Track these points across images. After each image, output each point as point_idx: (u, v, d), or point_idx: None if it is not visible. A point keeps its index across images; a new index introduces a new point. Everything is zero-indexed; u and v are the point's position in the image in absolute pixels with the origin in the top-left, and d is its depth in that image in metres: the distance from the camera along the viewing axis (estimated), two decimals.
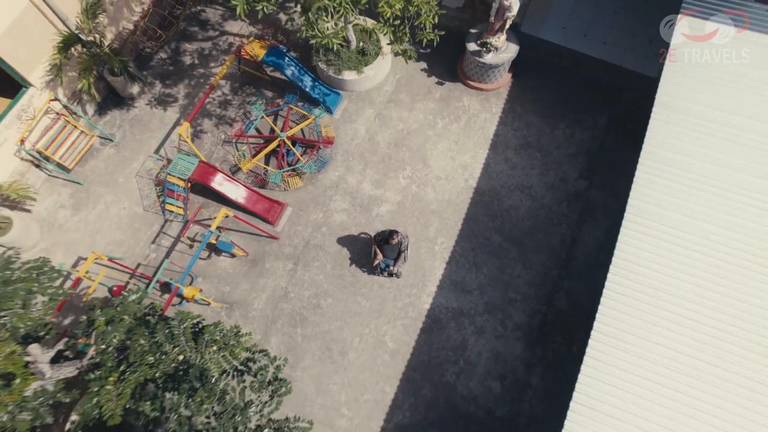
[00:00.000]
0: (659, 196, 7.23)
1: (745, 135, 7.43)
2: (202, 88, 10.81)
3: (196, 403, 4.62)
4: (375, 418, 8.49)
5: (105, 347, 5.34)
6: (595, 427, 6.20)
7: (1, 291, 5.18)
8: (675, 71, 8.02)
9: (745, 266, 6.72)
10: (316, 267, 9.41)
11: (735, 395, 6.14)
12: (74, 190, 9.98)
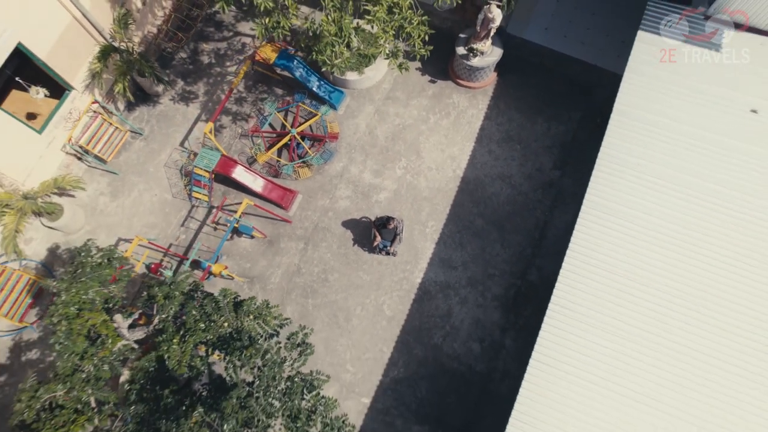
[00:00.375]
0: (612, 192, 8.72)
1: (690, 141, 8.85)
2: (219, 85, 12.15)
3: (246, 357, 6.27)
4: (374, 373, 10.25)
5: (165, 316, 6.96)
6: (549, 379, 7.89)
7: (90, 274, 6.76)
8: (633, 82, 9.38)
9: (685, 253, 8.24)
10: (324, 246, 11.00)
11: (668, 356, 7.81)
12: (111, 179, 11.48)
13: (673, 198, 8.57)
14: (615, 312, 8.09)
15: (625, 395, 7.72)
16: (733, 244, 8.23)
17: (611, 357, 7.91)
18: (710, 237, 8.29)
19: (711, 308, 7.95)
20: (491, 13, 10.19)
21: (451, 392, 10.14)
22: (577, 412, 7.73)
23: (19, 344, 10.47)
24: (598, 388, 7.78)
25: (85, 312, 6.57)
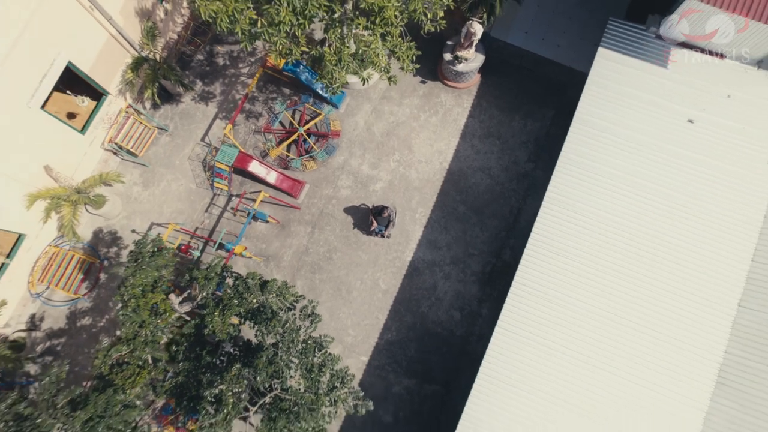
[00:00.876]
0: (569, 190, 10.57)
1: (637, 147, 10.62)
2: (234, 85, 13.79)
3: (271, 326, 8.28)
4: (371, 336, 12.38)
5: (206, 294, 8.96)
6: (512, 342, 9.96)
7: (148, 263, 8.71)
8: (592, 94, 11.06)
9: (631, 242, 10.14)
10: (329, 230, 12.94)
11: (616, 326, 9.86)
12: (142, 171, 13.30)
13: (619, 194, 10.43)
14: (566, 288, 10.10)
15: (574, 357, 9.81)
16: (664, 231, 10.14)
17: (563, 325, 9.96)
18: (645, 226, 10.20)
19: (641, 282, 9.95)
20: (473, 28, 11.76)
21: (435, 352, 12.29)
22: (535, 369, 9.84)
23: (74, 312, 12.58)
24: (553, 351, 9.87)
25: (148, 293, 8.56)
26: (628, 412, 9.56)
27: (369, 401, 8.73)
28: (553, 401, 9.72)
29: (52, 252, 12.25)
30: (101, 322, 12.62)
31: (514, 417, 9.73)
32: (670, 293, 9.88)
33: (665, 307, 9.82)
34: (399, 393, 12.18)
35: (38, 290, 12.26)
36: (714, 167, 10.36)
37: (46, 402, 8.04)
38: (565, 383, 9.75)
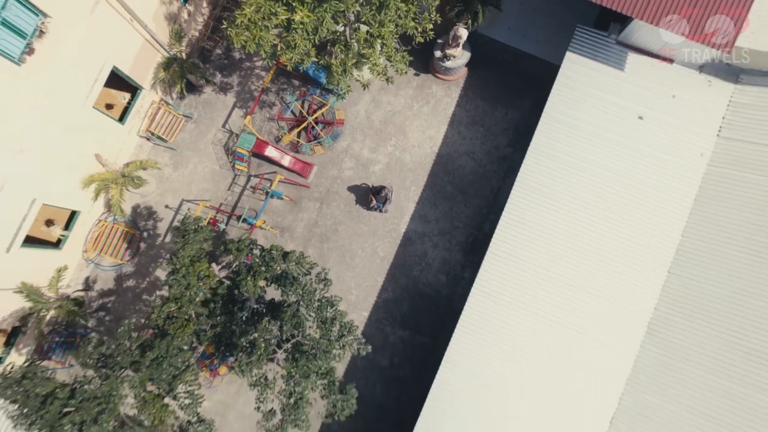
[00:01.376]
0: (536, 175, 12.74)
1: (597, 140, 12.69)
2: (249, 77, 15.71)
3: (293, 288, 10.65)
4: (371, 296, 14.83)
5: (238, 263, 11.30)
6: (487, 302, 12.37)
7: (192, 237, 10.96)
8: (560, 93, 13.05)
9: (586, 218, 12.38)
10: (334, 205, 15.18)
11: (569, 287, 12.24)
12: (172, 155, 15.41)
13: (579, 179, 12.61)
14: (529, 255, 12.44)
15: (535, 313, 12.25)
16: (614, 209, 12.39)
17: (526, 287, 12.36)
18: (599, 205, 12.43)
19: (592, 250, 12.28)
20: (459, 32, 13.63)
21: (425, 309, 14.79)
22: (502, 322, 12.30)
23: (120, 275, 15.00)
24: (517, 308, 12.30)
25: (195, 262, 10.89)
26: (578, 354, 12.08)
27: (368, 346, 11.22)
28: (516, 347, 12.23)
29: (101, 225, 14.55)
30: (143, 284, 15.06)
31: (485, 359, 12.27)
32: (614, 261, 12.23)
33: (609, 273, 12.20)
34: (394, 342, 14.75)
35: (91, 257, 14.64)
36: (657, 157, 12.50)
37: (122, 345, 10.51)
38: (527, 333, 12.24)
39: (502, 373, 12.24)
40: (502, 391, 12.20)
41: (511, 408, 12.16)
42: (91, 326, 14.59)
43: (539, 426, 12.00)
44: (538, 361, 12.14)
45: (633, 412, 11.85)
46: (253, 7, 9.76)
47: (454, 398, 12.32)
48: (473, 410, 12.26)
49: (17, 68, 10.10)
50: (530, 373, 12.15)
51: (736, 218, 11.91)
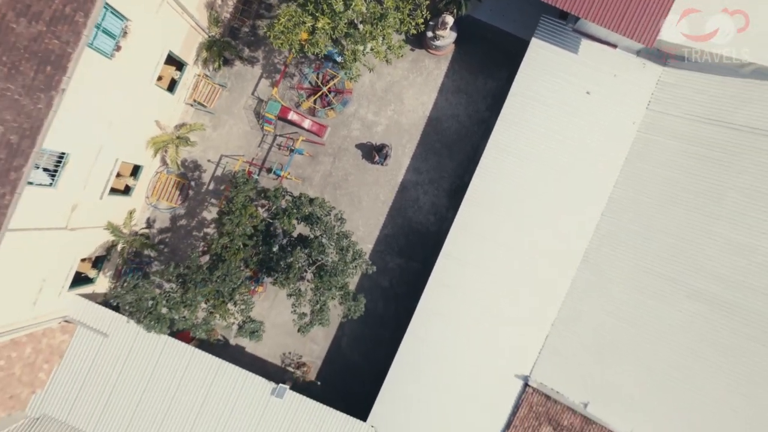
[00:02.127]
0: (506, 139, 16.40)
1: (552, 112, 16.24)
2: (273, 52, 18.95)
3: (318, 225, 14.62)
4: (375, 231, 18.88)
5: (275, 207, 15.21)
6: (465, 238, 16.41)
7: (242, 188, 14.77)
8: (524, 72, 16.43)
9: (540, 171, 16.19)
10: (345, 159, 18.91)
11: (524, 222, 16.24)
12: (211, 118, 18.96)
13: (538, 143, 16.29)
14: (497, 201, 16.35)
15: (499, 244, 16.30)
16: (561, 166, 16.16)
17: (494, 226, 16.35)
18: (552, 161, 16.20)
19: (544, 194, 16.18)
20: (446, 19, 16.85)
21: (417, 242, 18.87)
22: (475, 252, 16.39)
23: (174, 216, 18.98)
24: (485, 240, 16.35)
25: (247, 206, 14.80)
26: (531, 273, 16.26)
27: (373, 266, 15.35)
28: (485, 269, 16.39)
29: (158, 176, 18.37)
30: (192, 222, 19.06)
31: (461, 279, 16.47)
32: (561, 204, 16.15)
33: (558, 213, 16.16)
34: (392, 267, 18.96)
35: (152, 202, 18.56)
36: (598, 125, 16.13)
37: (194, 266, 14.62)
38: (494, 259, 16.36)
39: (473, 288, 16.47)
40: (472, 302, 16.49)
41: (479, 313, 16.49)
42: (153, 256, 18.72)
43: (500, 325, 16.37)
44: (500, 278, 16.35)
45: (568, 318, 16.18)
46: (286, 17, 13.10)
47: (440, 306, 16.62)
48: (451, 316, 16.60)
49: (109, 62, 13.54)
50: (494, 285, 16.38)
51: (654, 173, 15.73)
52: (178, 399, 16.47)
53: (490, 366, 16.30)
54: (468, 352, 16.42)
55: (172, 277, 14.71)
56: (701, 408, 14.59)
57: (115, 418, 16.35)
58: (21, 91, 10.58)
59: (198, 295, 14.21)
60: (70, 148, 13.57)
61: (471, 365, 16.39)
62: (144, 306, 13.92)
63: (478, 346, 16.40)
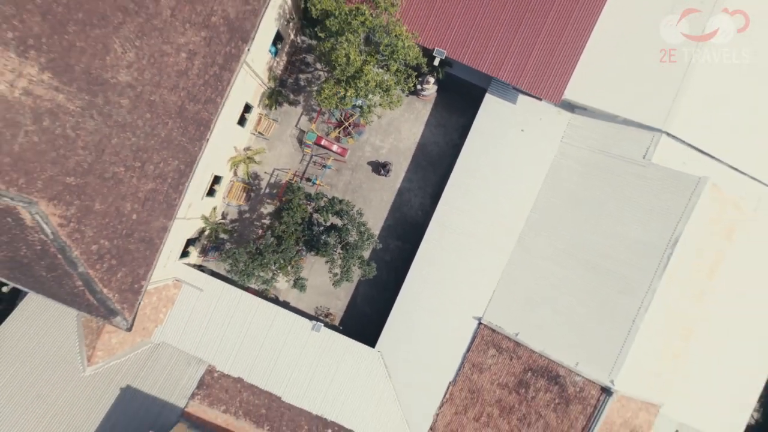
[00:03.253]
0: (467, 163, 24.97)
1: (502, 144, 24.81)
2: (310, 94, 27.48)
3: (345, 217, 23.11)
4: (380, 222, 27.49)
5: (317, 204, 23.75)
6: (442, 230, 25.03)
7: (297, 192, 23.17)
8: (481, 117, 24.97)
9: (494, 185, 24.75)
10: (360, 172, 27.50)
11: (483, 218, 24.87)
12: (267, 143, 27.55)
13: (488, 165, 24.83)
14: (463, 202, 24.93)
15: (464, 231, 24.91)
16: (505, 182, 24.72)
17: (461, 218, 24.94)
18: (497, 179, 24.76)
19: (495, 201, 24.77)
20: (429, 80, 25.38)
21: (409, 230, 27.47)
22: (448, 234, 25.01)
23: (242, 211, 27.61)
24: (454, 228, 24.97)
25: (301, 204, 23.33)
26: (479, 250, 24.84)
27: (380, 244, 23.95)
28: (453, 249, 24.98)
29: (231, 183, 26.96)
30: (254, 216, 27.67)
31: (439, 249, 25.08)
32: (503, 205, 24.72)
33: (502, 211, 24.74)
34: (392, 248, 27.57)
35: (227, 201, 27.17)
36: (528, 153, 24.65)
37: (267, 244, 23.19)
38: (458, 240, 24.94)
39: (446, 260, 25.07)
40: (445, 270, 25.07)
41: (450, 277, 25.06)
42: (226, 238, 27.29)
43: (463, 284, 24.96)
44: (463, 253, 24.95)
45: (507, 280, 24.74)
46: (328, 89, 21.59)
47: (423, 272, 25.20)
48: (431, 278, 25.20)
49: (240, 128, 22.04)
50: (459, 258, 24.97)
51: (563, 186, 24.28)
52: (250, 334, 25.09)
53: (457, 311, 24.90)
54: (443, 302, 25.02)
55: (249, 251, 23.31)
56: (582, 328, 23.15)
57: (208, 343, 24.97)
58: (186, 140, 19.10)
59: (270, 261, 22.81)
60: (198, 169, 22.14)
61: (445, 311, 24.99)
62: (238, 267, 22.54)
63: (449, 298, 25.01)
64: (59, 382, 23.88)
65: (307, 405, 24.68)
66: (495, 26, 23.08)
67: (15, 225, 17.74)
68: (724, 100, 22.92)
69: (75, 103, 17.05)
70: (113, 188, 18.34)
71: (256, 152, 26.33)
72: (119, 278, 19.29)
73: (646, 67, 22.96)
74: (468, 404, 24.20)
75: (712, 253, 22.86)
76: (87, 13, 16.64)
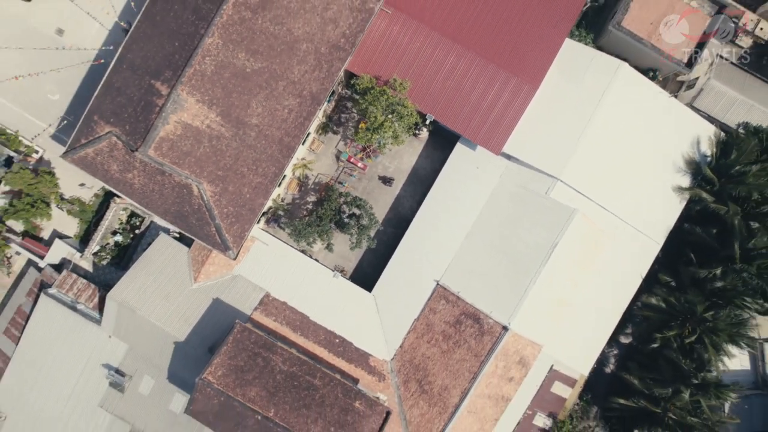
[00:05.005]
0: (441, 187, 40.69)
1: (463, 178, 40.47)
2: (348, 126, 43.23)
3: (362, 208, 38.73)
4: (382, 215, 43.33)
5: (345, 199, 39.40)
6: (421, 222, 40.78)
7: (334, 191, 38.63)
8: (453, 158, 40.61)
9: (451, 203, 40.40)
10: (373, 182, 43.34)
11: (439, 222, 40.66)
12: (316, 156, 43.37)
13: (451, 190, 40.49)
14: (437, 205, 40.68)
15: (434, 226, 40.66)
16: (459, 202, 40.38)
17: (435, 214, 40.68)
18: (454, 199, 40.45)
19: (448, 214, 40.47)
20: (422, 127, 41.16)
21: (402, 222, 43.25)
22: (423, 230, 40.78)
23: (293, 199, 43.51)
24: (428, 221, 40.73)
25: (335, 199, 38.98)
26: (436, 247, 40.52)
27: (381, 227, 39.61)
28: (426, 234, 40.67)
29: (291, 179, 42.71)
30: (301, 202, 43.50)
31: (417, 240, 40.82)
32: (451, 219, 40.40)
33: (453, 223, 40.44)
34: (389, 232, 43.34)
35: (288, 191, 42.94)
36: (477, 183, 40.27)
37: (314, 221, 38.80)
38: (432, 230, 40.61)
39: (420, 239, 40.77)
40: (419, 245, 40.74)
41: (418, 249, 40.74)
42: (282, 214, 43.03)
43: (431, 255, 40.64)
44: (431, 238, 40.63)
45: (456, 259, 40.31)
46: (361, 133, 37.23)
47: (407, 250, 40.85)
48: (411, 252, 40.86)
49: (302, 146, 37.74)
50: (428, 240, 40.65)
51: (498, 203, 39.90)
52: (293, 275, 40.76)
53: (424, 275, 40.49)
54: (416, 269, 40.60)
55: (303, 223, 39.00)
56: (497, 290, 38.63)
57: (267, 278, 40.65)
58: (280, 157, 34.82)
59: (314, 232, 38.54)
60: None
61: (417, 274, 40.59)
62: (296, 231, 38.23)
63: (420, 266, 40.63)
64: (177, 290, 39.80)
65: (325, 323, 40.43)
66: (463, 106, 38.67)
67: (187, 194, 33.59)
68: (601, 161, 38.45)
69: (228, 133, 32.88)
70: (240, 179, 34.15)
71: (309, 162, 42.10)
72: (234, 229, 35.11)
73: (553, 134, 38.52)
74: (424, 333, 39.87)
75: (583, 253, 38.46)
76: (243, 88, 32.49)
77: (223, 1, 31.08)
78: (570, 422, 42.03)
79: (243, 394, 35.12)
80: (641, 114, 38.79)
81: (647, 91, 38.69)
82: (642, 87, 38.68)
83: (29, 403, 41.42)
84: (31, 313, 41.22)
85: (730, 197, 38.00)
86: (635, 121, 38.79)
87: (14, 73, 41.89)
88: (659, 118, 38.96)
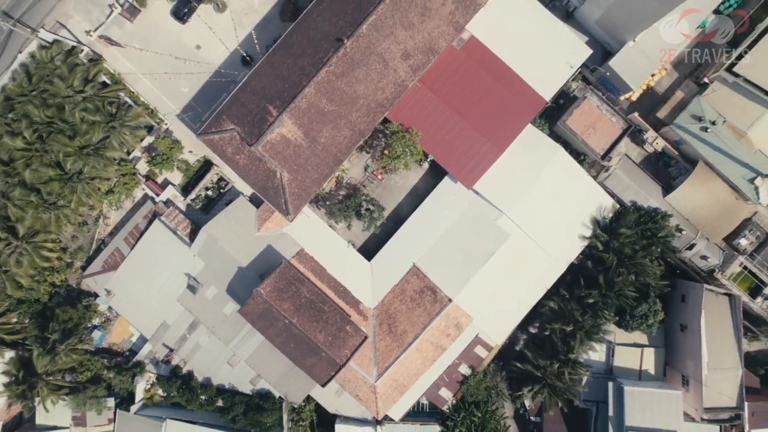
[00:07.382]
0: (428, 204, 62.90)
1: (452, 204, 62.70)
2: (376, 152, 65.47)
3: (375, 205, 60.54)
4: (387, 213, 65.58)
5: (367, 197, 61.44)
6: (417, 220, 63.01)
7: (360, 192, 60.41)
8: (444, 183, 62.76)
9: (431, 216, 62.50)
10: (387, 188, 65.55)
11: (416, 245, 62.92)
12: (350, 164, 65.61)
13: (439, 209, 62.67)
14: (424, 217, 62.94)
15: (423, 221, 62.85)
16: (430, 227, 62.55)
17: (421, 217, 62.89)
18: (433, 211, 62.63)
19: (416, 241, 62.65)
20: (424, 160, 63.39)
21: (401, 219, 65.45)
22: (415, 231, 63.02)
23: (330, 189, 65.86)
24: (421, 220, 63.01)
25: (359, 196, 61.03)
26: (424, 237, 62.67)
27: (385, 220, 61.78)
28: (415, 234, 62.82)
29: (332, 178, 64.96)
30: (338, 192, 65.82)
31: (408, 233, 63.01)
32: (437, 221, 62.55)
33: (433, 227, 62.64)
34: (390, 225, 65.51)
35: (330, 185, 65.19)
36: (457, 203, 62.32)
37: (344, 208, 60.84)
38: (420, 223, 62.72)
39: (411, 232, 62.96)
40: (408, 235, 62.82)
41: (413, 236, 62.87)
42: (322, 199, 65.13)
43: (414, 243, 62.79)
44: (416, 233, 62.75)
45: (429, 252, 62.44)
46: (386, 159, 59.28)
47: (401, 239, 62.91)
48: (405, 239, 62.96)
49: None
50: (414, 234, 62.74)
51: (462, 224, 61.96)
52: (321, 240, 62.80)
53: (406, 257, 62.46)
54: (402, 252, 62.60)
55: (337, 207, 61.04)
56: (451, 272, 60.58)
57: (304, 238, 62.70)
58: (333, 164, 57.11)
59: (341, 215, 60.63)
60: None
61: (402, 256, 62.55)
62: (332, 212, 60.24)
63: (405, 250, 62.66)
64: (246, 234, 61.98)
65: (336, 275, 62.48)
66: (453, 154, 60.68)
67: (271, 174, 55.87)
68: (535, 207, 60.63)
69: (305, 145, 55.14)
70: (305, 174, 56.34)
71: (346, 168, 64.29)
72: (295, 203, 57.30)
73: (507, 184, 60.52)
74: (398, 294, 61.89)
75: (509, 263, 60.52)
76: (320, 120, 54.83)
77: (322, 66, 53.30)
78: (483, 375, 64.06)
79: (279, 305, 57.30)
80: (567, 182, 60.81)
81: (572, 168, 60.75)
82: (569, 164, 60.73)
83: (132, 290, 63.73)
84: (145, 231, 63.48)
85: (612, 248, 60.14)
86: (562, 186, 60.81)
87: (164, 71, 64.34)
88: (578, 188, 61.01)
